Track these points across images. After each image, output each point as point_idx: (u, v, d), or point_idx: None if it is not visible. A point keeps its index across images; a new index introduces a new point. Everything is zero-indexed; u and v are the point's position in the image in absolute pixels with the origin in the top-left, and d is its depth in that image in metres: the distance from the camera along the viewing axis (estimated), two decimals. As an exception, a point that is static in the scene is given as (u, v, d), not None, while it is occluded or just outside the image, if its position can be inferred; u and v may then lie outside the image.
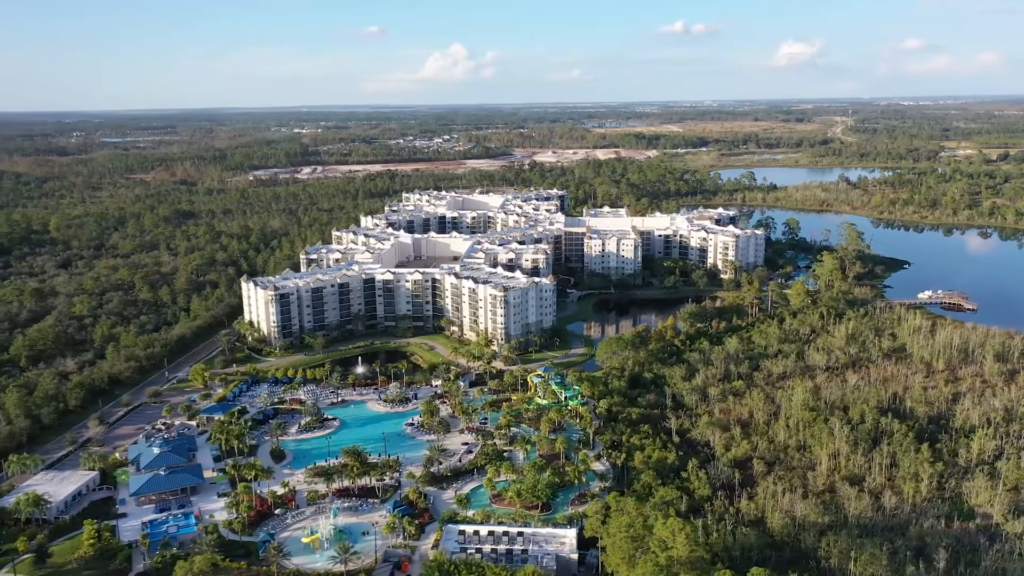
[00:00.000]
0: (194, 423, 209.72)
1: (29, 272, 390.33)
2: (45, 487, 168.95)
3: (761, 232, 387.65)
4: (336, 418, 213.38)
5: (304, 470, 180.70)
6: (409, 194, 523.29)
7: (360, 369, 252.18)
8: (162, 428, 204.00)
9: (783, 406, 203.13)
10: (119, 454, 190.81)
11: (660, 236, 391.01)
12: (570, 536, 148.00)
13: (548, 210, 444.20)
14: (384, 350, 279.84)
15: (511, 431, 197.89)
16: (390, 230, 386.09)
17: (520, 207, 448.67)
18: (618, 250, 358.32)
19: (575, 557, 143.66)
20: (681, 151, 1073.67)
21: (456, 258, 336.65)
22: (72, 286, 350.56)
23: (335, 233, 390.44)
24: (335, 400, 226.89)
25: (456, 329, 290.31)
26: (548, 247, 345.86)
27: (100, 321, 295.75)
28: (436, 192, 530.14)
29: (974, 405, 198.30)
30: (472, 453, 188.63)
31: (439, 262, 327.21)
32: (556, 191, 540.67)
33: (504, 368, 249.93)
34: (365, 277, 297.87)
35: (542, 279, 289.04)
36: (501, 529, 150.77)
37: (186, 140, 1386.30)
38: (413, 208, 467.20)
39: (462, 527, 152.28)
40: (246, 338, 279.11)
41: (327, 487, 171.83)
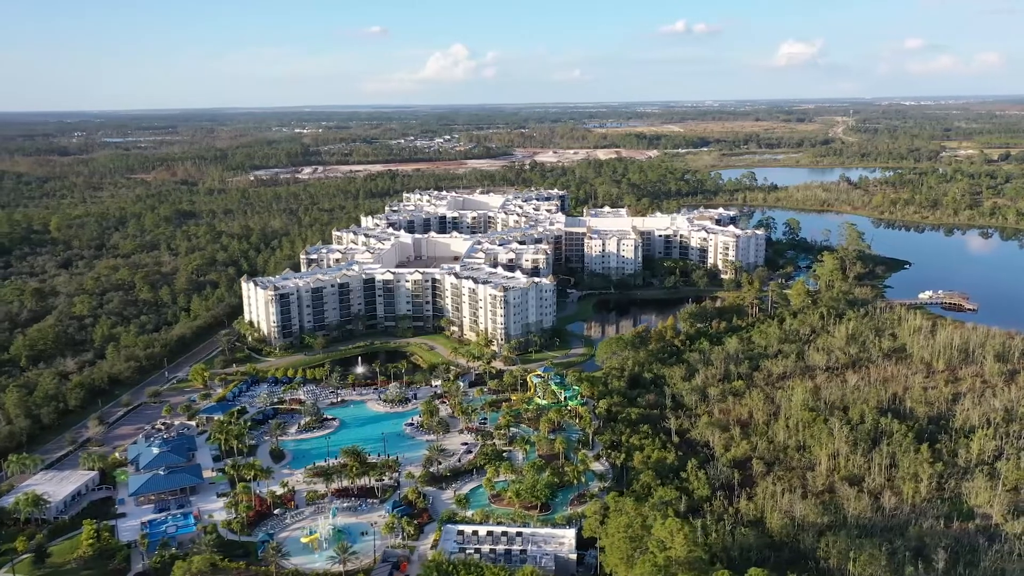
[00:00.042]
0: (194, 423, 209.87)
1: (30, 272, 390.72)
2: (44, 487, 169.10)
3: (761, 232, 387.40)
4: (336, 418, 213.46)
5: (303, 470, 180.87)
6: (410, 194, 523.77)
7: (360, 369, 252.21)
8: (162, 428, 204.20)
9: (783, 406, 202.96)
10: (119, 454, 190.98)
11: (660, 236, 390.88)
12: (569, 536, 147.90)
13: (548, 210, 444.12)
14: (384, 350, 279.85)
15: (510, 431, 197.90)
16: (390, 230, 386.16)
17: (520, 207, 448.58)
18: (618, 250, 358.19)
19: (574, 557, 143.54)
20: (682, 151, 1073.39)
21: (456, 258, 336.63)
22: (72, 286, 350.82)
23: (335, 233, 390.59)
24: (335, 400, 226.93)
25: (456, 329, 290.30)
26: (548, 247, 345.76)
27: (100, 321, 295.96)
28: (437, 192, 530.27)
29: (974, 405, 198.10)
30: (471, 453, 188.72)
31: (439, 262, 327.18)
32: (556, 191, 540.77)
33: (504, 368, 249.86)
34: (365, 277, 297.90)
35: (542, 279, 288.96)
36: (500, 529, 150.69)
37: (187, 140, 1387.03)
38: (414, 208, 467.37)
39: (461, 527, 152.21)
40: (246, 338, 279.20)
41: (326, 487, 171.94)
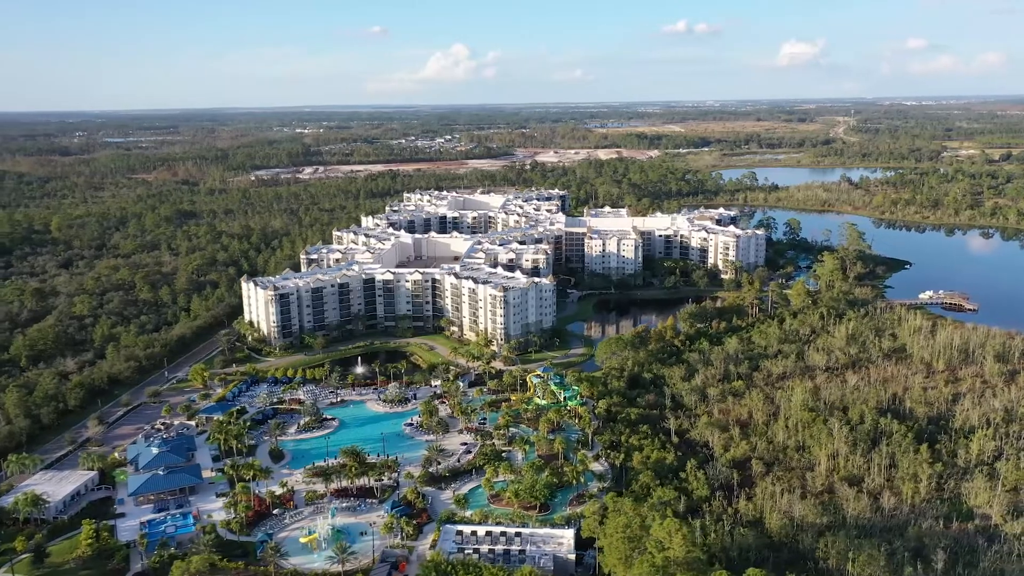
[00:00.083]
0: (193, 423, 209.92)
1: (30, 272, 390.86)
2: (44, 487, 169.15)
3: (762, 232, 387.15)
4: (335, 418, 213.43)
5: (303, 470, 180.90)
6: (410, 194, 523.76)
7: (360, 369, 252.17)
8: (161, 428, 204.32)
9: (782, 406, 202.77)
10: (118, 454, 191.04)
11: (661, 236, 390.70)
12: (568, 536, 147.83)
13: (549, 210, 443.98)
14: (384, 350, 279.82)
15: (510, 431, 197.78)
16: (391, 230, 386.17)
17: (521, 207, 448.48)
18: (619, 250, 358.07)
19: (572, 557, 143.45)
20: (683, 151, 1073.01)
21: (456, 258, 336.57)
22: (73, 286, 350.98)
23: (335, 233, 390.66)
24: (334, 400, 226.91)
25: (456, 329, 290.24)
26: (548, 247, 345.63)
27: (100, 321, 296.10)
28: (437, 192, 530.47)
29: (974, 406, 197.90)
30: (471, 453, 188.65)
31: (439, 262, 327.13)
32: (557, 191, 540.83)
33: (503, 368, 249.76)
34: (365, 277, 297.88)
35: (542, 279, 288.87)
36: (499, 529, 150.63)
37: (188, 140, 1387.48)
38: (414, 208, 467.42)
39: (460, 527, 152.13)
40: (246, 338, 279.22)
41: (325, 487, 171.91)
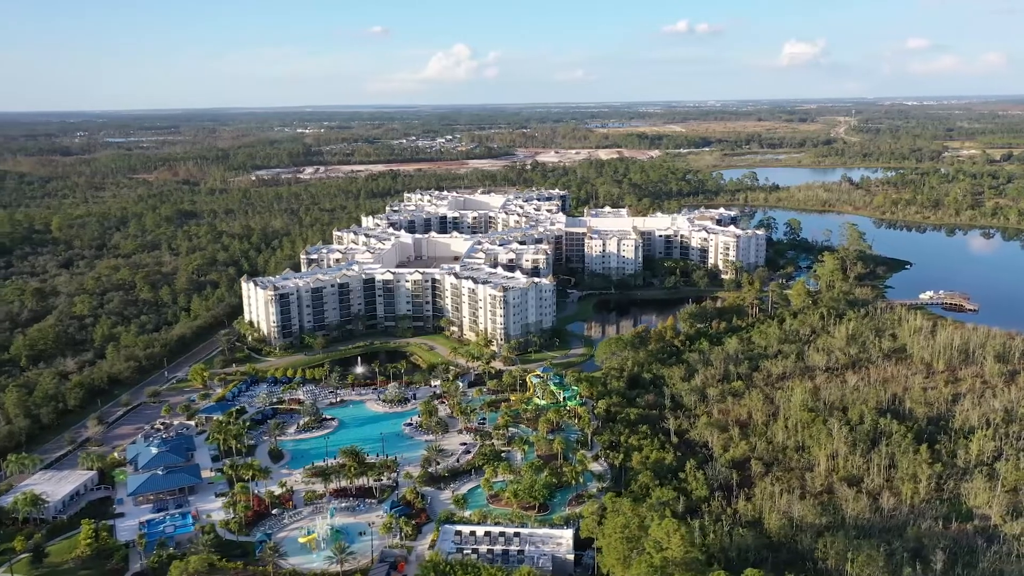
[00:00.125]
0: (193, 423, 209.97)
1: (31, 272, 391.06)
2: (43, 487, 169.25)
3: (762, 232, 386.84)
4: (335, 418, 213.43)
5: (302, 470, 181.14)
6: (411, 194, 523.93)
7: (359, 369, 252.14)
8: (161, 428, 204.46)
9: (782, 407, 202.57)
10: (117, 454, 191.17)
11: (661, 236, 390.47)
12: (566, 537, 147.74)
13: (549, 210, 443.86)
14: (384, 350, 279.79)
15: (509, 431, 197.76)
16: (391, 230, 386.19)
17: (521, 207, 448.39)
18: (619, 250, 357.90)
19: (571, 558, 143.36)
20: (684, 151, 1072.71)
21: (457, 258, 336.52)
22: (73, 286, 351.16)
23: (336, 233, 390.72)
24: (334, 400, 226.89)
25: (456, 329, 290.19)
26: (549, 247, 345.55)
27: (100, 321, 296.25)
28: (438, 192, 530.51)
29: (974, 406, 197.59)
30: (470, 453, 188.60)
31: (440, 262, 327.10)
32: (558, 191, 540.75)
33: (503, 368, 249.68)
34: (365, 277, 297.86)
35: (542, 279, 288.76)
36: (497, 529, 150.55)
37: (189, 140, 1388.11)
38: (414, 208, 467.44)
39: (459, 527, 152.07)
40: (246, 338, 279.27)
41: (325, 487, 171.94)
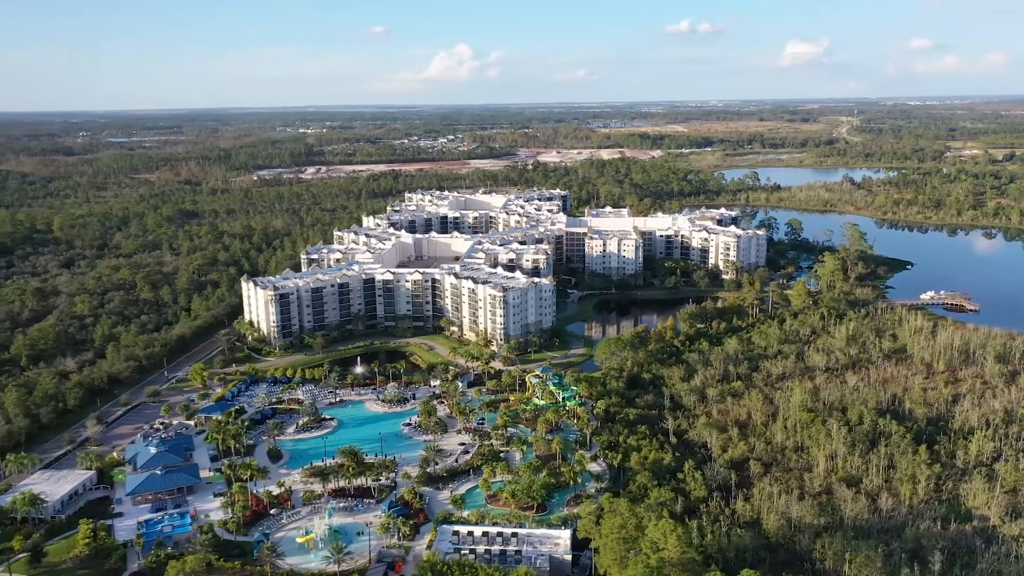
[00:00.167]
0: (192, 423, 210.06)
1: (32, 272, 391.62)
2: (42, 486, 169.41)
3: (763, 232, 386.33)
4: (334, 418, 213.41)
5: (301, 470, 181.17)
6: (412, 194, 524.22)
7: (359, 369, 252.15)
8: (160, 428, 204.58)
9: (781, 407, 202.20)
10: (116, 453, 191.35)
11: (662, 236, 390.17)
12: (564, 537, 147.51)
13: (550, 210, 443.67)
14: (384, 350, 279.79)
15: (508, 432, 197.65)
16: (391, 230, 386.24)
17: (522, 207, 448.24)
18: (619, 250, 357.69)
19: (569, 558, 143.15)
20: (686, 151, 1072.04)
21: (457, 258, 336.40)
22: (74, 286, 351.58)
23: (336, 233, 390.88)
24: (333, 400, 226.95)
25: (456, 329, 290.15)
26: (549, 247, 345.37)
27: (101, 321, 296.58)
28: (439, 192, 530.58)
29: (973, 407, 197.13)
30: (469, 453, 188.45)
31: (440, 262, 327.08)
32: (559, 191, 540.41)
33: (503, 368, 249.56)
34: (365, 277, 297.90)
35: (542, 279, 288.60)
36: (495, 530, 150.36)
37: (191, 140, 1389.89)
38: (415, 208, 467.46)
39: (456, 528, 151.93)
40: (246, 338, 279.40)
41: (323, 487, 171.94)
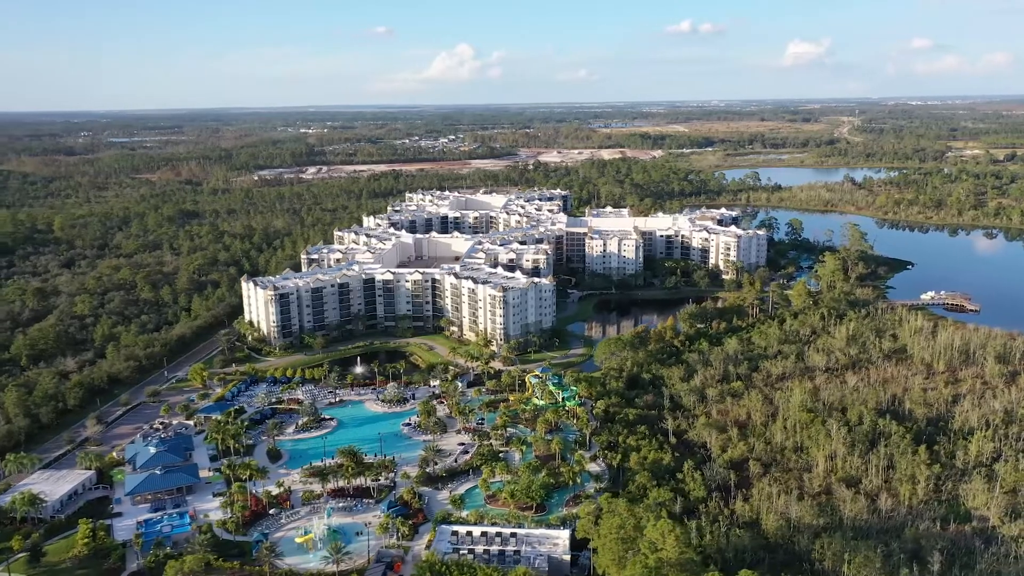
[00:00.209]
0: (192, 423, 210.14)
1: (32, 271, 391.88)
2: (41, 486, 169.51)
3: (763, 232, 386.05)
4: (333, 418, 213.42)
5: (300, 470, 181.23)
6: (412, 194, 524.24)
7: (359, 369, 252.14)
8: (159, 428, 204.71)
9: (781, 407, 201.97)
10: (116, 453, 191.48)
11: (662, 236, 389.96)
12: (563, 537, 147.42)
13: (551, 210, 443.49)
14: (384, 350, 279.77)
15: (508, 432, 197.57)
16: (392, 230, 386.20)
17: (522, 207, 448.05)
18: (619, 250, 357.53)
19: (568, 558, 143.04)
20: (687, 151, 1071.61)
21: (457, 258, 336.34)
22: (74, 285, 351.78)
23: (337, 233, 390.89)
24: (333, 400, 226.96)
25: (456, 329, 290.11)
26: (549, 247, 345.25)
27: (101, 320, 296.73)
28: (439, 192, 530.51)
29: (973, 407, 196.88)
30: (468, 453, 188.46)
31: (440, 262, 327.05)
32: (559, 191, 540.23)
33: (502, 368, 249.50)
34: (365, 277, 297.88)
35: (542, 279, 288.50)
36: (494, 530, 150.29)
37: (192, 140, 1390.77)
38: (416, 208, 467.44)
39: (455, 528, 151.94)
40: (246, 338, 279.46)
41: (322, 487, 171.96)
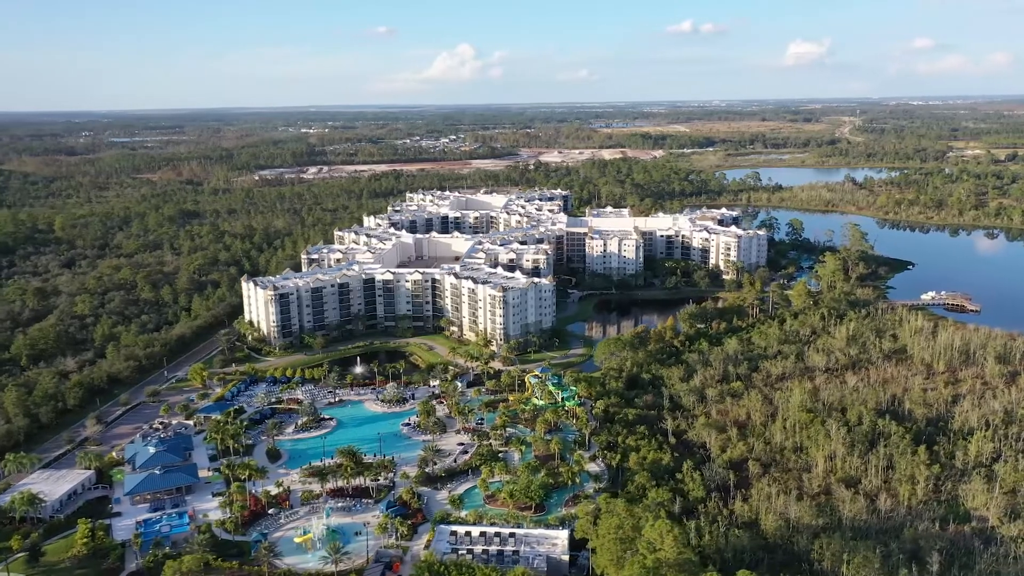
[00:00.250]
0: (191, 423, 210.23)
1: (33, 271, 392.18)
2: (41, 486, 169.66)
3: (763, 233, 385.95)
4: (333, 418, 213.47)
5: (299, 470, 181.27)
6: (413, 194, 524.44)
7: (359, 369, 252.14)
8: (159, 427, 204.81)
9: (781, 407, 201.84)
10: (116, 453, 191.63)
11: (662, 236, 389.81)
12: (562, 537, 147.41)
13: (551, 210, 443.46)
14: (383, 350, 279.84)
15: (507, 432, 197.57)
16: (392, 230, 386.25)
17: (523, 207, 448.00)
18: (620, 250, 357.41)
19: (566, 558, 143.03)
20: (687, 151, 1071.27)
21: (457, 258, 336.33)
22: (75, 285, 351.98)
23: (337, 233, 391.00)
24: (332, 400, 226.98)
25: (456, 329, 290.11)
26: (549, 247, 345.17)
27: (101, 320, 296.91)
28: (440, 192, 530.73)
29: (973, 407, 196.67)
30: (468, 453, 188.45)
31: (440, 262, 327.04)
32: (560, 191, 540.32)
33: (502, 368, 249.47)
34: (365, 277, 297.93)
35: (542, 279, 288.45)
36: (493, 530, 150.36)
37: (194, 140, 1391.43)
38: (416, 208, 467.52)
39: (454, 528, 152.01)
40: (246, 338, 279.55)
41: (321, 487, 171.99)
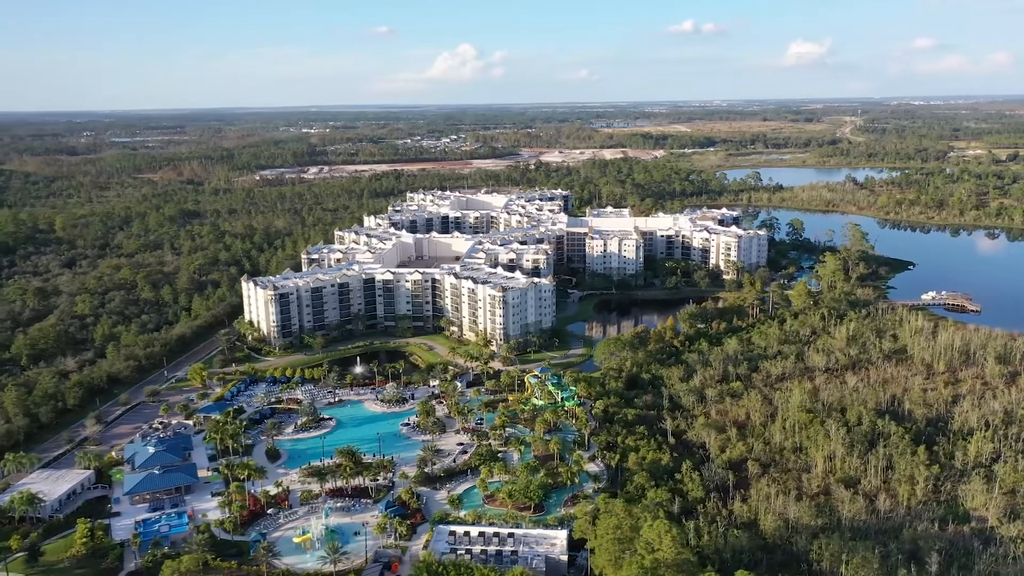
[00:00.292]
0: (191, 422, 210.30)
1: (33, 271, 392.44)
2: (40, 485, 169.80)
3: (764, 233, 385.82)
4: (332, 418, 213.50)
5: (298, 470, 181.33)
6: (413, 194, 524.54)
7: (358, 369, 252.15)
8: (159, 427, 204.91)
9: (780, 408, 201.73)
10: (115, 453, 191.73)
11: (662, 236, 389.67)
12: (561, 537, 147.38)
13: (551, 210, 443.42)
14: (383, 350, 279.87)
15: (506, 432, 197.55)
16: (392, 230, 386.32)
17: (523, 207, 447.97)
18: (620, 250, 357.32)
19: (565, 559, 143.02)
20: (688, 151, 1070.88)
21: (458, 258, 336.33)
22: (75, 285, 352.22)
23: (337, 233, 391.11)
24: (332, 400, 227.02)
25: (456, 329, 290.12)
26: (550, 247, 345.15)
27: (101, 320, 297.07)
28: (440, 192, 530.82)
29: (973, 407, 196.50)
30: (467, 454, 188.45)
31: (441, 262, 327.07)
32: (560, 191, 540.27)
33: (502, 368, 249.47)
34: (365, 277, 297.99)
35: (542, 279, 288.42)
36: (492, 530, 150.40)
37: (195, 140, 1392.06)
38: (417, 208, 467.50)
39: (453, 528, 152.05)
40: (246, 337, 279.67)
41: (321, 487, 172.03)
